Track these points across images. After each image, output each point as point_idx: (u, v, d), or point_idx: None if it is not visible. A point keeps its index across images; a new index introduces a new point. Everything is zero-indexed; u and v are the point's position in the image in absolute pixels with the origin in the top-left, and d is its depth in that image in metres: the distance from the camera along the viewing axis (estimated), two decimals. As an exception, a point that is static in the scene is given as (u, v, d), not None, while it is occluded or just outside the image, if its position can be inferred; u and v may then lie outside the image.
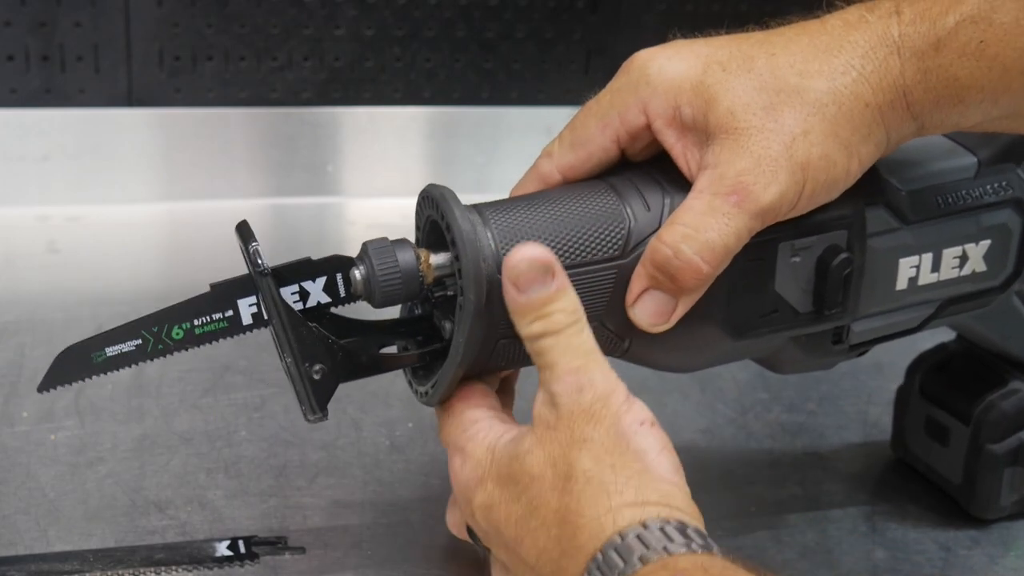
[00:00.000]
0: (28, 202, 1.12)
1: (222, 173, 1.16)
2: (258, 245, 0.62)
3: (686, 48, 0.63)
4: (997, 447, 0.75)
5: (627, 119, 0.63)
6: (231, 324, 0.64)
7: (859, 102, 0.61)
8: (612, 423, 0.58)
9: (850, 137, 0.61)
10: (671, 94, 0.62)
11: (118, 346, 0.64)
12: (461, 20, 1.19)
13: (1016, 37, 0.59)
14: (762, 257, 0.64)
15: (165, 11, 1.13)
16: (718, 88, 0.61)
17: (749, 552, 0.74)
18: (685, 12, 1.21)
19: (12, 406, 0.84)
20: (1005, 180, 0.70)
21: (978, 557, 0.75)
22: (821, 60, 0.61)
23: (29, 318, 0.95)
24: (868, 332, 0.69)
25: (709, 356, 0.67)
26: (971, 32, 0.60)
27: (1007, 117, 0.62)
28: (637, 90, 0.63)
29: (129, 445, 0.80)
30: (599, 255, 0.62)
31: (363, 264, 0.63)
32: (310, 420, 0.63)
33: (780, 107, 0.60)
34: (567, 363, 0.59)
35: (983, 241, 0.69)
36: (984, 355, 0.77)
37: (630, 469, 0.57)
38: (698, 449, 0.84)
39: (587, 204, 0.63)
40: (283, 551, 0.71)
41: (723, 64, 0.62)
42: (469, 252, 0.60)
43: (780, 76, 0.61)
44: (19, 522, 0.73)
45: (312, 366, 0.62)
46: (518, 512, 0.58)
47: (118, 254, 1.08)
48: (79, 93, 1.13)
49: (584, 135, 0.65)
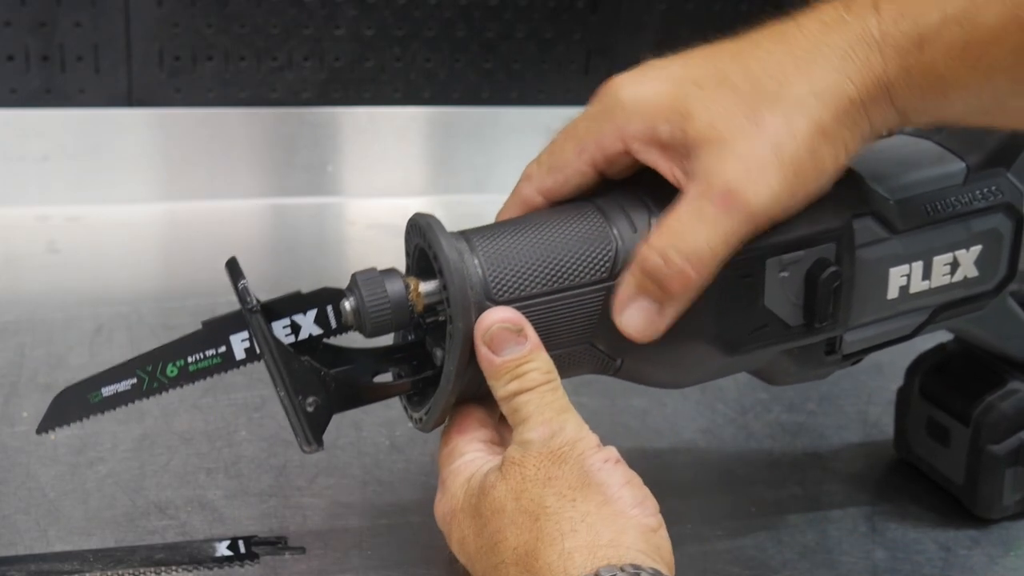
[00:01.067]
0: (28, 202, 1.12)
1: (222, 173, 1.16)
2: (246, 282, 0.62)
3: (658, 70, 0.63)
4: (997, 448, 0.75)
5: (603, 145, 0.64)
6: (224, 360, 0.65)
7: (843, 99, 0.61)
8: (577, 461, 0.59)
9: (837, 131, 0.61)
10: (647, 117, 0.62)
11: (114, 386, 0.65)
12: (461, 20, 1.19)
13: (1001, 38, 0.59)
14: (750, 273, 0.63)
15: (165, 11, 1.13)
16: (694, 104, 0.61)
17: (749, 552, 0.74)
18: (685, 12, 1.21)
19: (12, 406, 0.84)
20: (994, 185, 0.70)
21: (978, 557, 0.75)
22: (798, 65, 0.61)
23: (29, 318, 0.95)
24: (861, 342, 0.68)
25: (701, 372, 0.67)
26: (955, 33, 0.59)
27: (989, 110, 0.62)
28: (612, 116, 0.63)
29: (129, 445, 0.80)
30: (587, 278, 0.62)
31: (352, 295, 0.63)
32: (306, 451, 0.64)
33: (762, 112, 0.60)
34: (541, 415, 0.60)
35: (974, 247, 0.69)
36: (983, 356, 0.77)
37: (590, 503, 0.57)
38: (698, 449, 0.84)
39: (574, 227, 0.63)
40: (283, 551, 0.71)
41: (697, 82, 0.62)
42: (456, 280, 0.60)
43: (758, 86, 0.61)
44: (19, 522, 0.73)
45: (305, 399, 0.62)
46: (483, 546, 0.59)
47: (118, 254, 1.08)
48: (79, 93, 1.13)
49: (561, 160, 0.65)
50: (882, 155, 0.69)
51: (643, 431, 0.85)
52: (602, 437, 0.61)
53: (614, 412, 0.87)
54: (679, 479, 0.81)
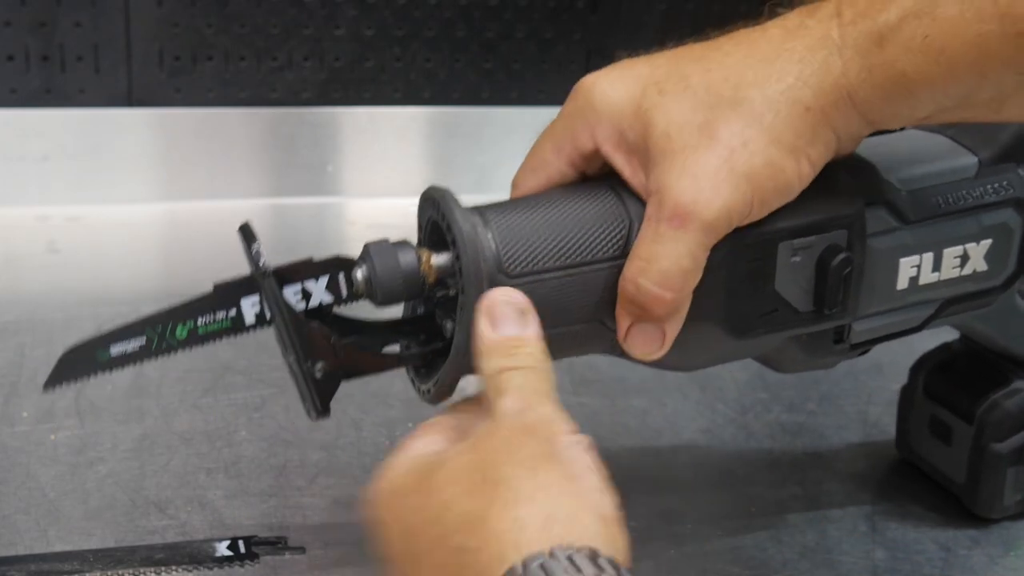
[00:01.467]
0: (28, 202, 1.12)
1: (222, 173, 1.16)
2: (260, 246, 0.62)
3: (628, 70, 0.63)
4: (1001, 446, 0.75)
5: (578, 144, 0.64)
6: (234, 324, 0.64)
7: (798, 107, 0.60)
8: (548, 437, 0.55)
9: (795, 141, 0.61)
10: (615, 120, 0.62)
11: (122, 345, 0.64)
12: (461, 20, 1.19)
13: (961, 30, 0.58)
14: (762, 257, 0.64)
15: (165, 11, 1.13)
16: (654, 112, 0.61)
17: (749, 552, 0.74)
18: (685, 12, 1.21)
19: (12, 406, 0.84)
20: (1006, 180, 0.70)
21: (978, 557, 0.75)
22: (756, 70, 0.61)
23: (29, 318, 0.95)
24: (869, 331, 0.69)
25: (710, 355, 0.67)
26: (915, 27, 0.59)
27: (959, 107, 0.61)
28: (585, 116, 0.63)
29: (129, 445, 0.80)
30: (600, 255, 0.62)
31: (364, 264, 0.63)
32: (313, 418, 0.63)
33: (715, 123, 0.60)
34: (520, 392, 0.57)
35: (984, 241, 0.69)
36: (987, 354, 0.77)
37: (553, 474, 0.53)
38: (698, 449, 0.84)
39: (587, 205, 0.63)
40: (283, 551, 0.71)
41: (660, 85, 0.62)
42: (469, 252, 0.60)
43: (714, 92, 0.61)
44: (19, 522, 0.73)
45: (315, 364, 0.62)
46: (423, 520, 0.55)
47: (118, 254, 1.08)
48: (79, 93, 1.13)
49: (542, 160, 0.65)
50: (894, 147, 0.69)
51: (643, 431, 0.85)
52: (602, 437, 0.61)
53: (614, 412, 0.87)
54: (679, 479, 0.81)
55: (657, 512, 0.77)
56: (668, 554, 0.73)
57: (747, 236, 0.62)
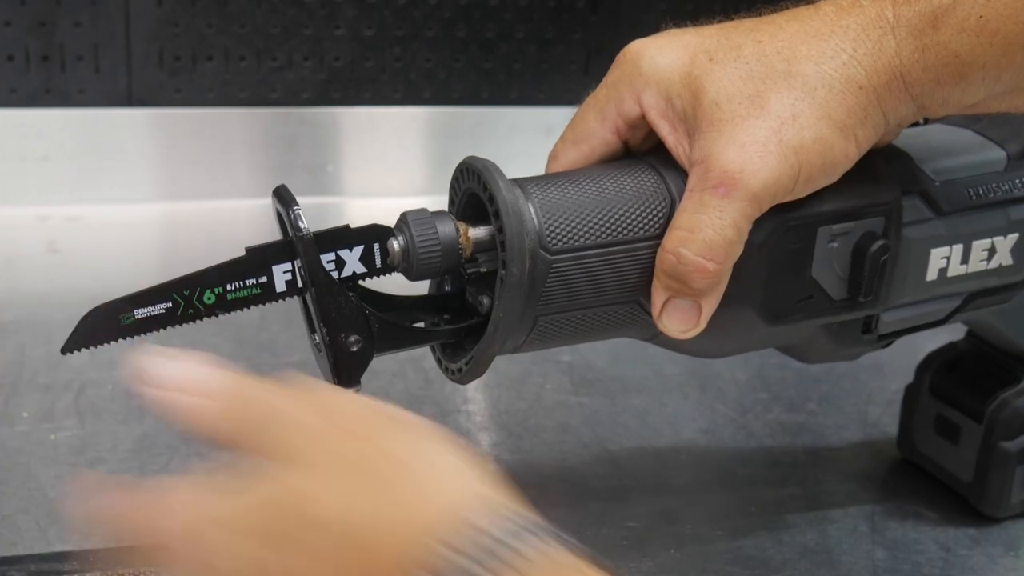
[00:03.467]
0: (28, 202, 1.12)
1: (222, 173, 1.16)
2: (299, 209, 0.61)
3: (676, 38, 0.63)
4: (1010, 445, 0.75)
5: (623, 111, 0.63)
6: (264, 291, 0.61)
7: (851, 84, 0.60)
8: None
9: (845, 119, 0.60)
10: (662, 86, 0.62)
11: (148, 308, 0.61)
12: (461, 20, 1.19)
13: (1017, 12, 0.58)
14: (801, 241, 0.63)
15: (165, 11, 1.13)
16: (705, 79, 0.61)
17: (749, 552, 0.74)
18: (685, 11, 1.21)
19: (12, 406, 0.83)
20: None
21: (978, 557, 0.75)
22: (810, 45, 0.60)
23: (29, 318, 0.95)
24: (896, 322, 0.68)
25: (742, 341, 0.66)
26: (970, 8, 0.59)
27: (1010, 92, 0.61)
28: (631, 82, 0.63)
29: (129, 445, 0.80)
30: (640, 233, 0.61)
31: (402, 235, 0.61)
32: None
33: (766, 94, 0.60)
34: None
35: (1011, 235, 0.69)
36: (995, 353, 0.77)
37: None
38: (698, 449, 0.84)
39: (628, 181, 0.62)
40: (283, 551, 0.71)
41: (710, 54, 0.61)
42: (514, 225, 0.59)
43: (767, 63, 0.60)
44: (19, 522, 0.73)
45: (348, 337, 0.60)
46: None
47: (118, 254, 1.08)
48: (79, 93, 1.13)
49: (585, 130, 0.65)
50: (926, 139, 0.69)
51: (643, 431, 0.85)
52: (602, 437, 0.61)
53: (614, 412, 0.87)
54: (679, 479, 0.81)
55: (657, 512, 0.77)
56: (668, 554, 0.73)
57: (788, 219, 0.62)
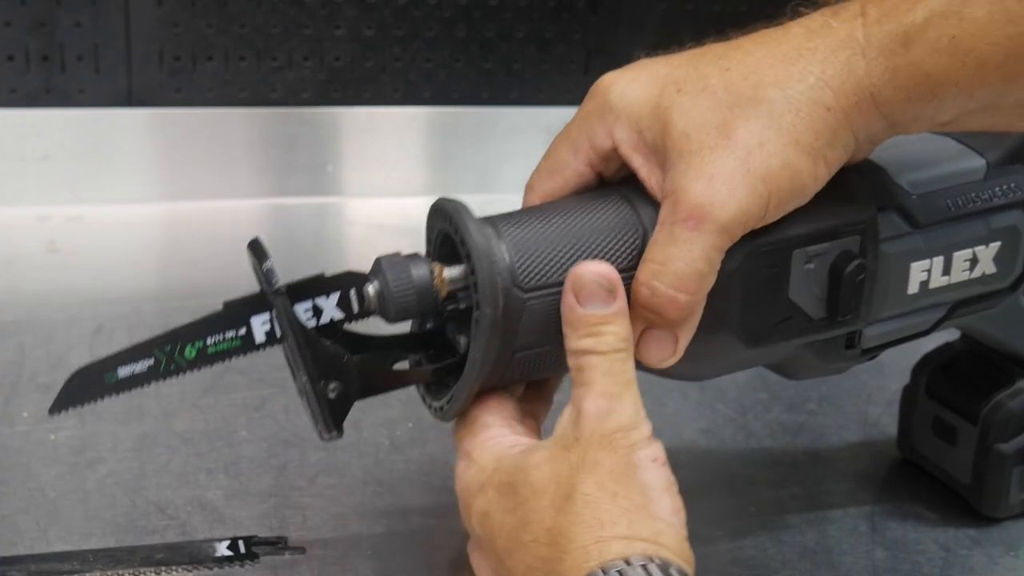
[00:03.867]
0: (28, 202, 1.12)
1: (222, 173, 1.16)
2: (272, 263, 0.62)
3: (646, 70, 0.63)
4: (1006, 446, 0.75)
5: (596, 144, 0.64)
6: (244, 342, 0.63)
7: (819, 107, 0.60)
8: (626, 453, 0.59)
9: (813, 142, 0.60)
10: (633, 119, 0.62)
11: (131, 366, 0.63)
12: (461, 20, 1.20)
13: (989, 32, 0.58)
14: (776, 264, 0.63)
15: (165, 11, 1.13)
16: (673, 111, 0.61)
17: (749, 552, 0.74)
18: (686, 12, 1.21)
19: (12, 406, 0.84)
20: (1013, 182, 0.70)
21: (978, 557, 0.75)
22: (777, 69, 0.60)
23: (29, 318, 0.95)
24: (880, 336, 0.69)
25: (723, 364, 0.67)
26: (941, 27, 0.58)
27: (984, 110, 0.61)
28: (603, 116, 0.63)
29: (129, 445, 0.80)
30: (614, 265, 0.61)
31: (377, 279, 0.62)
32: (325, 439, 0.62)
33: (734, 123, 0.60)
34: (604, 386, 0.60)
35: (993, 243, 0.69)
36: (990, 353, 0.77)
37: (630, 501, 0.57)
38: (698, 449, 0.84)
39: (600, 214, 0.62)
40: (283, 551, 0.71)
41: (679, 85, 0.61)
42: (484, 266, 0.59)
43: (734, 91, 0.60)
44: (19, 522, 0.73)
45: (328, 384, 0.61)
46: (512, 523, 0.59)
47: (118, 254, 1.08)
48: (79, 93, 1.13)
49: (559, 161, 0.65)
50: (903, 150, 0.69)
51: (643, 431, 0.85)
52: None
53: (614, 412, 0.87)
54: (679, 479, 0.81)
55: (657, 512, 0.77)
56: (668, 554, 0.73)
57: (761, 244, 0.62)
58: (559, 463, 0.58)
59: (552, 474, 0.58)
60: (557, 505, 0.57)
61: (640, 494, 0.58)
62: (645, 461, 0.59)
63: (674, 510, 0.59)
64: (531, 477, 0.59)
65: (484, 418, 0.63)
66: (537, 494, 0.58)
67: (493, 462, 0.61)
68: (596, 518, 0.56)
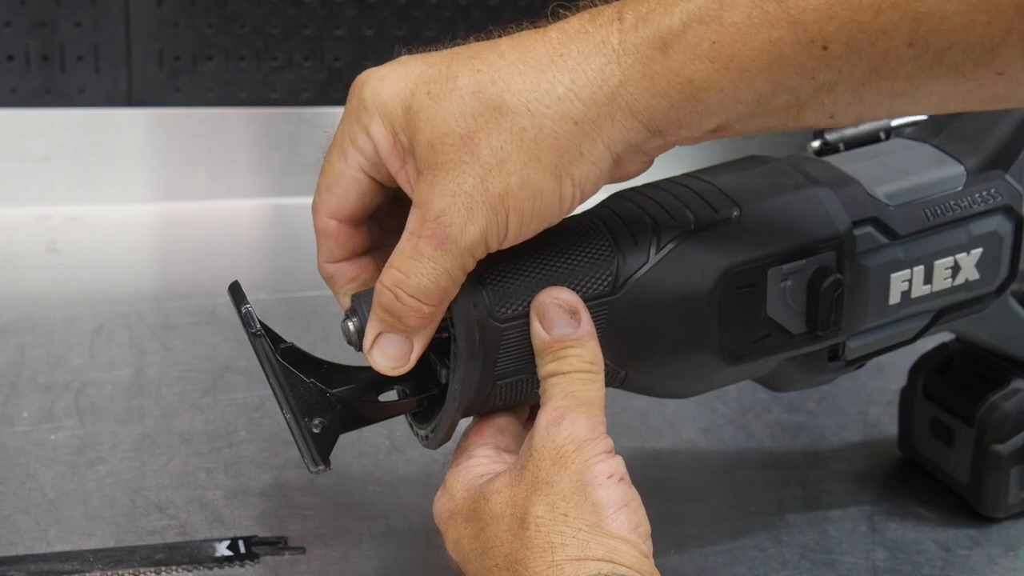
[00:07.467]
0: (28, 202, 1.12)
1: (222, 173, 1.16)
2: (250, 307, 0.62)
3: (400, 67, 0.60)
4: (1002, 447, 0.75)
5: (359, 146, 0.61)
6: None
7: (565, 120, 0.57)
8: (578, 470, 0.58)
9: (556, 160, 0.57)
10: (387, 120, 0.60)
11: None
12: (461, 20, 1.19)
13: (751, 36, 0.55)
14: (752, 284, 0.63)
15: (165, 11, 1.13)
16: (420, 117, 0.58)
17: (749, 552, 0.74)
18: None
19: (12, 406, 0.84)
20: (993, 187, 0.70)
21: (978, 557, 0.75)
22: (526, 77, 0.57)
23: (29, 318, 0.95)
24: (864, 347, 0.69)
25: (705, 382, 0.67)
26: (701, 33, 0.55)
27: (755, 114, 0.58)
28: (359, 116, 0.61)
29: (129, 445, 0.80)
30: (590, 292, 0.61)
31: (356, 316, 0.63)
32: (313, 472, 0.63)
33: (477, 135, 0.57)
34: (559, 401, 0.60)
35: (974, 250, 0.69)
36: (985, 355, 0.77)
37: (582, 521, 0.57)
38: (698, 449, 0.84)
39: (576, 241, 0.62)
40: (283, 551, 0.71)
41: (428, 87, 0.59)
42: (459, 299, 0.60)
43: (481, 97, 0.57)
44: (19, 522, 0.73)
45: (311, 420, 0.62)
46: (478, 549, 0.59)
47: (118, 254, 1.08)
48: (79, 93, 1.13)
49: (332, 174, 0.63)
50: (880, 160, 0.69)
51: (643, 431, 0.85)
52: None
53: (614, 412, 0.86)
54: (679, 479, 0.81)
55: (657, 513, 0.76)
56: (668, 555, 0.73)
57: (735, 265, 0.62)
58: (516, 486, 0.59)
59: (509, 499, 0.58)
60: (513, 530, 0.58)
61: (593, 513, 0.57)
62: (600, 478, 0.58)
63: (632, 526, 0.58)
64: (491, 503, 0.59)
65: (471, 448, 0.63)
66: (495, 519, 0.58)
67: (462, 491, 0.61)
68: (548, 542, 0.56)
